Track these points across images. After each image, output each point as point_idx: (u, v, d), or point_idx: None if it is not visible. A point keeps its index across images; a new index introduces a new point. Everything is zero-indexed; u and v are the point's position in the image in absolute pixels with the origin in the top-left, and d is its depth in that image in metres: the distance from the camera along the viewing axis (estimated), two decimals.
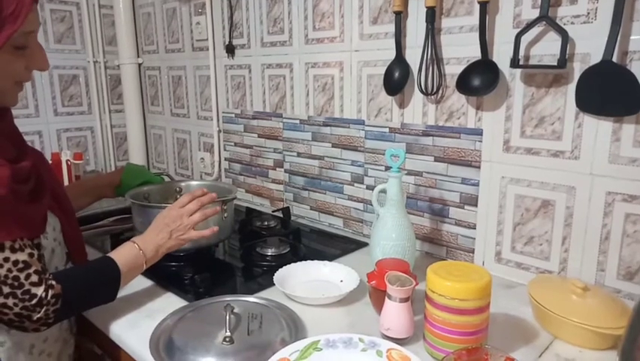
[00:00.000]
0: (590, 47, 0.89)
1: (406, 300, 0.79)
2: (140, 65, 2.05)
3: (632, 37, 0.84)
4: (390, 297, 0.80)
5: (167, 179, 1.41)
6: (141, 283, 1.05)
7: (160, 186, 1.32)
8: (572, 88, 0.91)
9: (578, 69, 0.90)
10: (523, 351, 0.79)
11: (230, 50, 1.62)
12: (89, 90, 2.02)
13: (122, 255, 0.89)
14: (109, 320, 0.90)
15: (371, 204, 1.07)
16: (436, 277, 0.74)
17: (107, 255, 0.89)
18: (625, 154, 0.88)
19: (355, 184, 1.34)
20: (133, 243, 0.92)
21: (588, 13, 0.88)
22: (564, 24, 0.90)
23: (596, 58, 0.86)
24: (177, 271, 1.12)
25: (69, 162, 1.77)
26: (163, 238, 0.95)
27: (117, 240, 1.29)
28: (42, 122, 1.90)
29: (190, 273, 1.08)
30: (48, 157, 1.81)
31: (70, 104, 1.97)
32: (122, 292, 0.99)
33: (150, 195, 1.26)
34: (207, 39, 1.69)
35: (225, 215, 1.13)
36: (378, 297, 0.86)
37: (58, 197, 0.91)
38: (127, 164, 1.36)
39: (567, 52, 0.89)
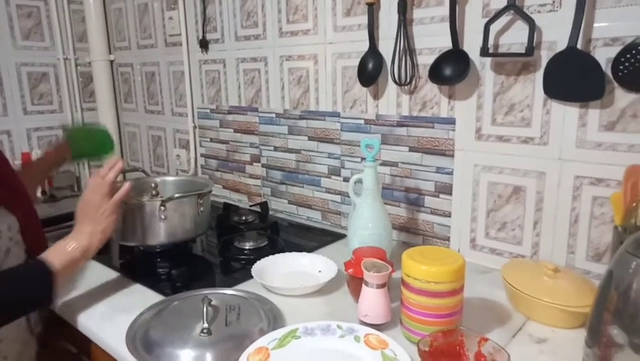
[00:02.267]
0: (556, 35, 0.91)
1: (382, 286, 0.80)
2: (112, 61, 2.01)
3: (595, 25, 0.87)
4: (367, 283, 0.81)
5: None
6: (117, 278, 1.04)
7: (135, 183, 1.30)
8: (540, 75, 0.93)
9: (545, 57, 0.93)
10: (498, 332, 0.81)
11: (204, 44, 1.60)
12: (60, 88, 1.97)
13: (53, 251, 0.84)
14: (83, 317, 0.89)
15: (348, 197, 1.07)
16: (411, 262, 0.75)
17: (39, 256, 0.83)
18: (591, 139, 0.90)
19: (332, 177, 1.35)
20: (64, 238, 0.87)
21: (553, 2, 0.90)
22: (531, 13, 0.92)
23: (562, 45, 0.89)
24: (154, 267, 1.10)
25: None
26: (89, 226, 0.89)
27: None
28: (11, 122, 1.84)
29: (167, 268, 1.07)
30: (18, 157, 1.77)
31: (41, 103, 1.92)
32: (97, 289, 0.98)
33: None
34: (180, 34, 1.67)
35: (201, 209, 1.12)
36: (356, 285, 0.87)
37: (15, 191, 0.87)
38: (66, 130, 1.33)
39: (534, 40, 0.91)
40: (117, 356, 0.79)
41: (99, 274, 1.07)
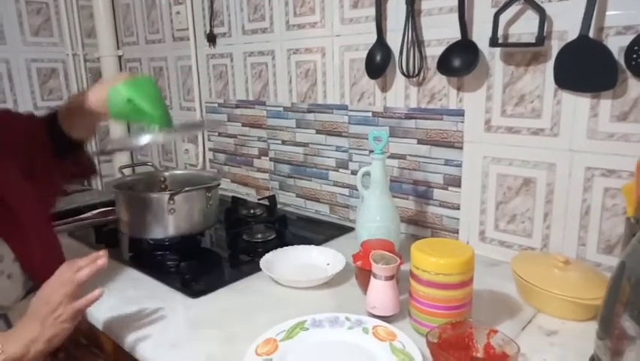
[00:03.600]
0: (567, 24, 0.89)
1: (390, 278, 0.80)
2: (120, 57, 2.02)
3: (607, 13, 0.85)
4: (375, 275, 0.81)
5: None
6: (126, 271, 1.05)
7: (144, 176, 1.31)
8: (550, 65, 0.92)
9: (555, 46, 0.91)
10: (508, 324, 0.80)
11: (212, 38, 1.60)
12: (69, 84, 1.98)
13: None
14: (93, 310, 0.89)
15: (357, 190, 1.07)
16: (420, 254, 0.75)
17: None
18: (603, 129, 0.89)
19: (340, 170, 1.35)
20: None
21: None
22: (542, 2, 0.91)
23: (573, 34, 0.87)
24: (163, 260, 1.11)
25: None
26: (34, 331, 0.71)
27: (101, 232, 1.28)
28: None
29: (176, 261, 1.07)
30: None
31: (50, 98, 1.93)
32: (107, 282, 0.99)
33: (134, 184, 1.25)
34: (188, 28, 1.67)
35: (210, 203, 1.13)
36: (364, 277, 0.87)
37: (13, 215, 0.79)
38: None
39: (545, 29, 0.90)
40: (127, 347, 0.80)
41: (109, 267, 1.07)
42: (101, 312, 0.88)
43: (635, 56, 0.81)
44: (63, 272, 0.75)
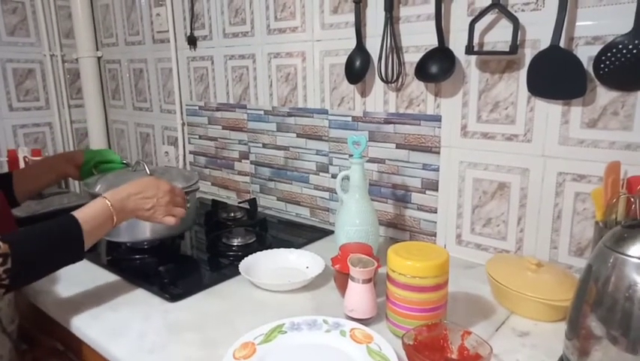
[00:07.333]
0: (539, 34, 0.92)
1: (368, 281, 0.81)
2: (99, 58, 2.00)
3: (577, 24, 0.88)
4: (353, 279, 0.82)
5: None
6: (104, 276, 1.04)
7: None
8: (523, 73, 0.95)
9: (528, 55, 0.94)
10: (482, 326, 0.82)
11: (192, 41, 1.60)
12: (46, 85, 1.95)
13: (87, 211, 0.86)
14: (71, 315, 0.88)
15: (337, 193, 1.08)
16: (396, 257, 0.76)
17: (71, 213, 0.86)
18: (573, 135, 0.92)
19: (320, 173, 1.36)
20: (103, 198, 0.88)
21: (537, 1, 0.92)
22: (515, 11, 0.94)
23: (545, 44, 0.90)
24: (141, 264, 1.10)
25: (27, 159, 1.71)
26: (139, 208, 0.92)
27: None
28: None
29: (155, 265, 1.07)
30: (4, 154, 1.75)
31: (27, 99, 1.90)
32: (85, 287, 0.98)
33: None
34: (168, 30, 1.66)
35: (188, 205, 1.12)
36: (343, 280, 0.88)
37: None
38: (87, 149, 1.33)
39: (518, 38, 0.92)
40: (104, 352, 0.79)
41: (87, 271, 1.06)
42: (77, 317, 0.88)
43: (602, 65, 0.84)
44: (177, 191, 0.99)
